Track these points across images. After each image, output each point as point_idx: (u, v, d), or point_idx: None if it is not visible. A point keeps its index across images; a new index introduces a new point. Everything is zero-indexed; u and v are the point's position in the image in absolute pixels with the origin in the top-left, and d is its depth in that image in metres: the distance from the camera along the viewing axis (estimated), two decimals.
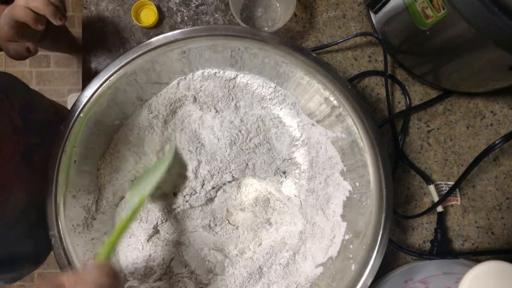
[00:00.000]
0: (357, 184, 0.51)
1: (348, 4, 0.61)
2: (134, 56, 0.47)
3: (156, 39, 0.47)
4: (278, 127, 0.56)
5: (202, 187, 0.55)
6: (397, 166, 0.60)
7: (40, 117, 0.55)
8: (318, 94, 0.51)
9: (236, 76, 0.54)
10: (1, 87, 0.49)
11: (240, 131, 0.55)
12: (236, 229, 0.56)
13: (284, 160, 0.57)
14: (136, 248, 0.53)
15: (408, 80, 0.61)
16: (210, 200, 0.56)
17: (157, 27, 0.60)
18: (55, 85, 1.49)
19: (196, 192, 0.54)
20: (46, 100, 0.66)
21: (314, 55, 0.48)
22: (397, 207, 0.60)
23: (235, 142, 0.55)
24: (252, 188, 0.57)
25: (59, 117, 0.60)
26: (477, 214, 0.60)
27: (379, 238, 0.46)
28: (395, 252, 0.59)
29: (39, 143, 0.51)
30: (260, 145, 0.56)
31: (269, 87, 0.55)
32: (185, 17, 0.61)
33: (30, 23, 0.43)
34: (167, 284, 0.53)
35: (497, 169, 0.61)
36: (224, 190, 0.56)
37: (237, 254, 0.56)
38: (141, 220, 0.54)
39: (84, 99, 0.47)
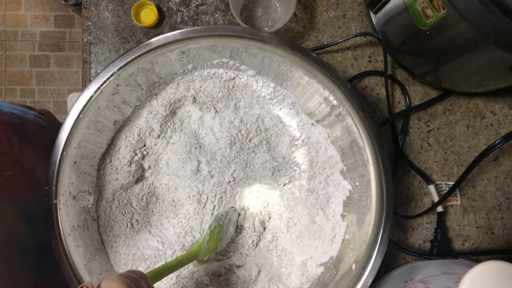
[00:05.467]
0: (357, 183, 0.51)
1: (348, 4, 0.61)
2: (134, 56, 0.47)
3: (156, 39, 0.47)
4: (278, 127, 0.56)
5: (203, 192, 0.55)
6: (397, 166, 0.60)
7: (8, 110, 0.55)
8: (318, 93, 0.51)
9: (236, 76, 0.54)
10: None
11: (239, 131, 0.55)
12: (239, 232, 0.56)
13: (284, 159, 0.57)
14: (137, 248, 0.53)
15: (408, 80, 0.61)
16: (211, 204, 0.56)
17: (157, 27, 0.60)
18: (55, 85, 1.50)
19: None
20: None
21: (314, 55, 0.48)
22: (397, 207, 0.60)
23: (235, 142, 0.55)
24: (252, 188, 0.57)
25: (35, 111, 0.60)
26: (477, 214, 0.60)
27: (379, 238, 0.46)
28: (395, 252, 0.59)
29: (21, 122, 0.52)
30: (260, 145, 0.56)
31: (269, 87, 0.55)
32: (185, 17, 0.61)
33: None
34: (168, 284, 0.53)
35: (497, 169, 0.61)
36: (223, 197, 0.56)
37: (237, 255, 0.56)
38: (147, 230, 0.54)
39: (84, 99, 0.47)
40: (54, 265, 0.46)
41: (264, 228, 0.57)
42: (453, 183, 0.58)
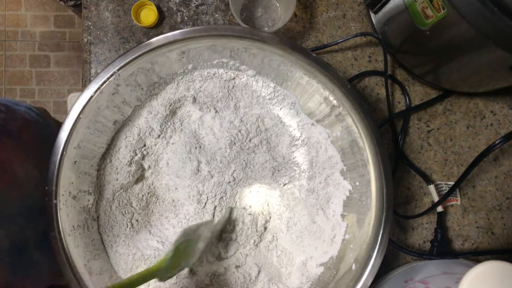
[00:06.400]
0: (357, 183, 0.51)
1: (348, 4, 0.61)
2: (134, 56, 0.47)
3: (156, 39, 0.47)
4: (278, 127, 0.56)
5: (203, 191, 0.55)
6: (397, 166, 0.60)
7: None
8: (318, 93, 0.51)
9: (236, 76, 0.54)
10: None
11: (239, 131, 0.55)
12: (239, 232, 0.56)
13: (284, 159, 0.57)
14: (137, 248, 0.53)
15: (408, 80, 0.61)
16: (211, 205, 0.56)
17: (157, 27, 0.60)
18: (55, 85, 1.50)
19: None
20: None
21: (314, 55, 0.48)
22: (397, 207, 0.60)
23: (235, 142, 0.55)
24: (252, 188, 0.57)
25: (38, 112, 0.59)
26: (477, 214, 0.60)
27: (379, 238, 0.46)
28: (395, 252, 0.59)
29: (6, 118, 0.50)
30: (260, 145, 0.56)
31: (269, 87, 0.55)
32: (185, 17, 0.61)
33: None
34: (168, 284, 0.53)
35: (497, 169, 0.61)
36: (223, 197, 0.56)
37: (237, 255, 0.56)
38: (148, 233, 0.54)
39: (84, 99, 0.47)
40: (28, 264, 0.45)
41: (265, 228, 0.57)
42: (453, 183, 0.58)
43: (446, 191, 0.57)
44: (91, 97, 0.47)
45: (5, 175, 0.46)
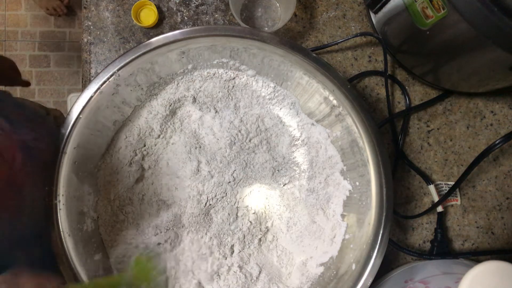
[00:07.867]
0: (357, 183, 0.51)
1: (348, 4, 0.61)
2: (134, 56, 0.47)
3: (156, 39, 0.47)
4: (278, 127, 0.56)
5: (203, 192, 0.55)
6: (397, 166, 0.60)
7: (28, 116, 0.53)
8: (318, 93, 0.51)
9: (236, 76, 0.54)
10: None
11: (239, 131, 0.55)
12: (238, 231, 0.56)
13: (284, 159, 0.57)
14: (137, 248, 0.53)
15: (408, 80, 0.61)
16: (210, 206, 0.56)
17: (157, 27, 0.60)
18: (55, 85, 1.50)
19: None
20: (34, 103, 0.62)
21: (314, 55, 0.48)
22: (397, 207, 0.60)
23: (234, 142, 0.55)
24: (252, 188, 0.57)
25: (51, 116, 0.58)
26: (477, 214, 0.60)
27: (379, 238, 0.46)
28: (395, 252, 0.59)
29: (35, 138, 0.50)
30: (260, 145, 0.56)
31: (269, 87, 0.55)
32: (185, 17, 0.61)
33: None
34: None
35: (497, 169, 0.61)
36: (223, 197, 0.56)
37: (239, 256, 0.56)
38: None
39: (84, 99, 0.47)
40: None
41: (267, 227, 0.57)
42: (453, 183, 0.58)
43: (446, 191, 0.57)
44: (91, 97, 0.47)
45: (13, 198, 0.45)
